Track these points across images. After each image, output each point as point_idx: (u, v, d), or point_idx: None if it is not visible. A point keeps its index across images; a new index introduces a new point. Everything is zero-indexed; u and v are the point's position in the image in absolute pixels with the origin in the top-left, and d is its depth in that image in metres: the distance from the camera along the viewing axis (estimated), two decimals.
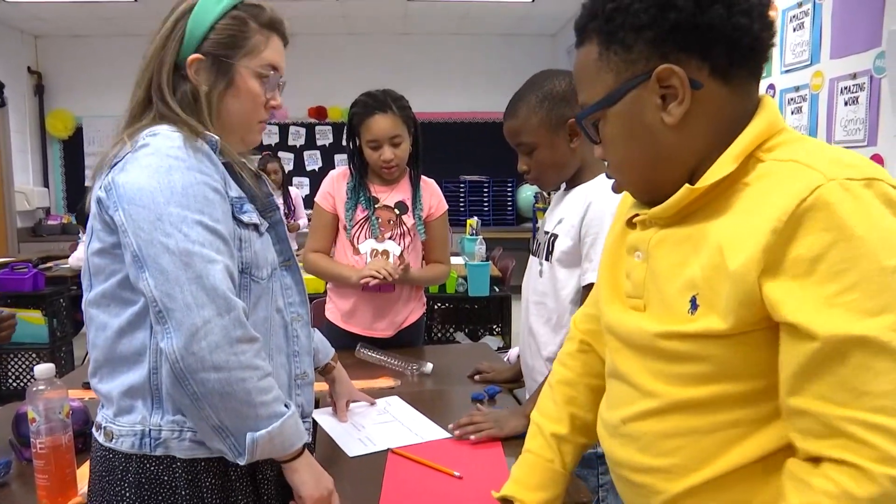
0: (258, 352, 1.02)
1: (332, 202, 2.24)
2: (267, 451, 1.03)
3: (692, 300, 0.79)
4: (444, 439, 1.53)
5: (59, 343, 4.03)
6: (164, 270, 0.96)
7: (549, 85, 1.51)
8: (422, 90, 7.54)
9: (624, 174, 0.91)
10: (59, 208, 7.77)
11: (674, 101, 0.80)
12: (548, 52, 7.78)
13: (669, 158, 0.84)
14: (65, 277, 4.25)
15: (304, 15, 6.81)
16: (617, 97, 0.83)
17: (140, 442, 1.03)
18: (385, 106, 2.10)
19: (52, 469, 1.22)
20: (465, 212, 7.08)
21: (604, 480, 1.52)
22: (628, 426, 0.89)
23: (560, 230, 1.56)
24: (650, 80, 0.80)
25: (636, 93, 0.82)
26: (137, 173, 1.00)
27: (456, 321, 4.16)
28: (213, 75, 1.10)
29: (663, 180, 0.85)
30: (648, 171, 0.87)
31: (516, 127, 1.54)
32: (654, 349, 0.84)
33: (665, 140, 0.82)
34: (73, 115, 7.57)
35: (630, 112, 0.83)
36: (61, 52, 7.54)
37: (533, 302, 1.63)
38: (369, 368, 2.08)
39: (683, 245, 0.83)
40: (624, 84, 0.82)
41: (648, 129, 0.83)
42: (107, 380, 1.07)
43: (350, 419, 1.66)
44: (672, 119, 0.80)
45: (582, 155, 1.56)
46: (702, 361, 0.79)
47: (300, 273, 1.26)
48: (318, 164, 7.82)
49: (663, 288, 0.84)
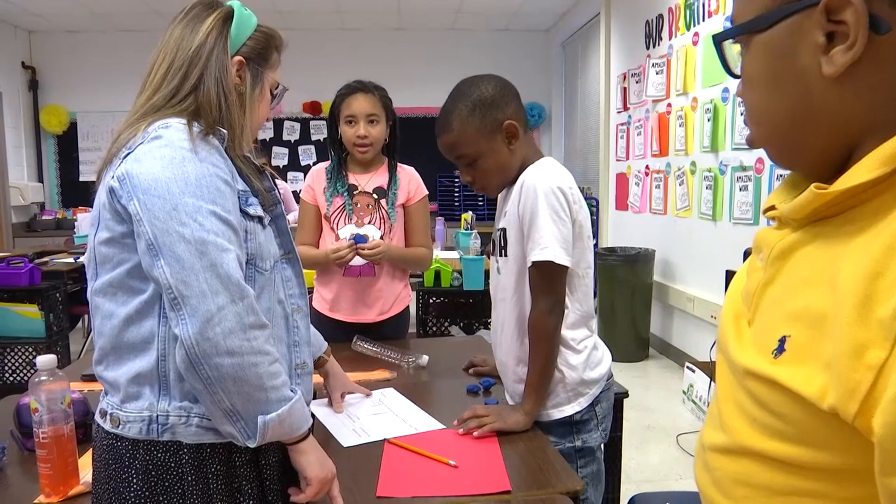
0: (268, 338, 1.06)
1: (312, 194, 2.33)
2: (277, 433, 1.07)
3: (781, 340, 0.60)
4: (438, 430, 1.55)
5: (55, 337, 4.03)
6: (180, 258, 0.98)
7: (476, 92, 1.50)
8: (416, 85, 7.56)
9: (758, 124, 0.69)
10: (53, 203, 7.76)
11: (841, 44, 0.57)
12: (541, 48, 7.78)
13: (817, 119, 0.62)
14: (61, 272, 4.25)
15: (299, 10, 6.82)
16: (770, 21, 0.62)
17: (147, 428, 1.06)
18: (367, 88, 2.22)
19: (55, 458, 1.25)
20: (461, 206, 7.03)
21: (584, 473, 1.54)
22: (707, 452, 0.74)
23: (506, 223, 1.58)
24: (817, 6, 0.58)
25: (795, 20, 0.60)
26: (151, 164, 1.02)
27: (451, 315, 4.18)
28: (251, 78, 1.20)
29: (806, 144, 0.64)
30: (787, 126, 0.65)
31: (453, 140, 1.53)
32: (742, 383, 0.67)
33: (817, 94, 0.60)
34: (67, 111, 7.55)
35: (781, 45, 0.62)
36: (55, 48, 7.52)
37: (498, 300, 1.65)
38: (366, 361, 2.11)
39: (805, 263, 0.63)
40: (783, 6, 0.61)
41: (798, 73, 0.61)
42: (113, 367, 1.09)
43: (345, 410, 1.69)
44: (832, 69, 0.58)
45: (522, 154, 1.55)
46: (781, 418, 0.60)
47: (300, 265, 1.29)
48: (313, 159, 7.82)
49: (767, 311, 0.66)
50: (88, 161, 7.52)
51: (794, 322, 0.60)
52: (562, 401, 1.54)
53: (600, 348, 1.61)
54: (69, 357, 4.25)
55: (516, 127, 1.51)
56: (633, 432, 3.44)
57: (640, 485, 2.94)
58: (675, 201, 4.71)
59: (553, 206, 1.46)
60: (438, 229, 5.29)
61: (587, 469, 1.56)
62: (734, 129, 3.88)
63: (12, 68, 7.24)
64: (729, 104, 3.92)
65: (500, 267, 1.63)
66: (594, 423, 1.56)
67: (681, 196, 4.62)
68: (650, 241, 5.02)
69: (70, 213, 7.22)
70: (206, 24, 1.14)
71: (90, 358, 1.15)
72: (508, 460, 1.38)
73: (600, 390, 1.56)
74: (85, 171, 7.57)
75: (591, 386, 1.55)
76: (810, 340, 0.57)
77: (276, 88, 1.27)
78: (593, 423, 1.56)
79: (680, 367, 4.34)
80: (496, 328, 1.68)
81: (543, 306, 1.49)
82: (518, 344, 1.57)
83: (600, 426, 1.57)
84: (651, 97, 5.02)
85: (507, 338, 1.61)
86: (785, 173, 0.74)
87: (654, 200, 5.12)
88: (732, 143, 3.90)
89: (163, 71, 1.13)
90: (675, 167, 4.70)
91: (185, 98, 1.12)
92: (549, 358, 1.51)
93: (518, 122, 1.52)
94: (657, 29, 4.97)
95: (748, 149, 3.69)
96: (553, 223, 1.45)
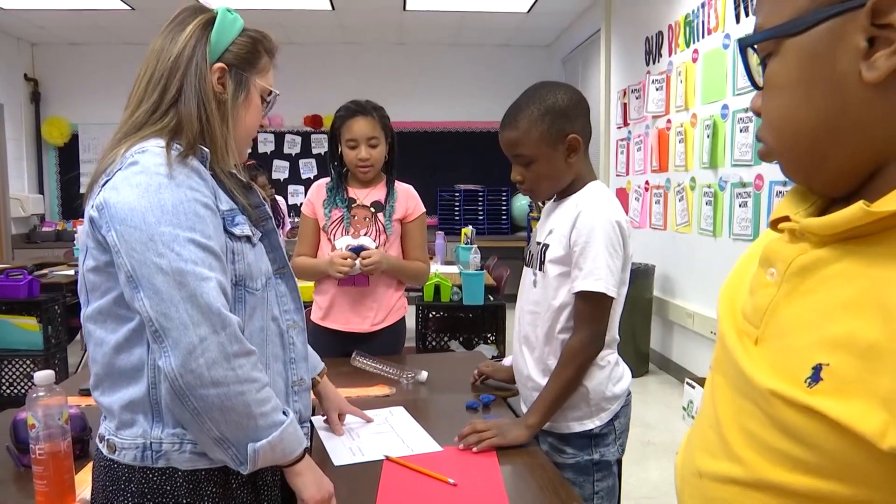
0: (255, 364, 1.04)
1: (312, 208, 2.37)
2: (269, 458, 1.05)
3: (816, 368, 0.56)
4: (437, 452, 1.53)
5: (53, 350, 4.02)
6: (159, 290, 0.97)
7: (551, 98, 1.52)
8: (417, 99, 7.59)
9: (779, 133, 0.64)
10: (53, 215, 7.76)
11: (886, 49, 0.54)
12: (543, 63, 7.83)
13: (848, 130, 0.58)
14: (60, 284, 4.24)
15: (301, 24, 6.85)
16: (807, 24, 0.58)
17: (142, 455, 1.05)
18: (366, 111, 2.26)
19: (51, 475, 1.24)
20: (460, 221, 7.03)
21: (599, 487, 1.55)
22: (704, 481, 0.69)
23: (551, 240, 1.58)
24: (863, 9, 0.54)
25: (835, 24, 0.56)
26: (128, 192, 1.00)
27: (450, 330, 4.17)
28: (233, 85, 1.15)
29: (831, 156, 0.60)
30: (812, 136, 0.60)
31: (516, 138, 1.54)
32: (761, 407, 0.61)
33: (852, 101, 0.57)
34: (68, 123, 7.57)
35: (818, 49, 0.58)
36: (58, 60, 7.54)
37: (527, 311, 1.65)
38: (364, 376, 2.10)
39: (841, 284, 0.58)
40: (822, 8, 0.57)
41: (836, 79, 0.57)
42: (108, 393, 1.08)
43: (347, 426, 1.67)
44: (874, 74, 0.54)
45: (577, 169, 1.58)
46: (815, 451, 0.56)
47: (294, 280, 1.28)
48: (314, 172, 7.82)
49: (790, 332, 0.61)
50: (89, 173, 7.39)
51: (833, 350, 0.55)
52: (583, 415, 1.56)
53: (621, 365, 1.64)
54: (67, 370, 4.23)
55: (579, 142, 1.53)
56: (633, 448, 3.41)
57: (639, 501, 2.92)
58: (675, 217, 4.72)
59: (610, 239, 1.49)
60: (438, 243, 5.29)
61: (603, 483, 1.57)
62: (734, 146, 3.88)
63: (15, 80, 7.27)
64: (728, 121, 3.93)
65: (536, 280, 1.63)
66: (612, 438, 1.58)
67: (680, 212, 4.62)
68: (650, 256, 5.02)
69: (70, 224, 7.22)
70: (185, 32, 1.11)
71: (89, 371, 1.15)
72: (508, 479, 1.37)
73: (620, 406, 1.59)
74: (86, 182, 7.55)
75: (612, 402, 1.57)
76: (858, 372, 0.53)
77: (269, 95, 1.22)
78: (611, 438, 1.58)
79: (679, 383, 4.32)
80: (520, 338, 1.68)
81: (586, 336, 1.51)
82: (545, 358, 1.59)
83: (618, 441, 1.59)
84: (651, 113, 5.04)
85: (533, 350, 1.62)
86: (784, 189, 0.71)
87: (653, 216, 5.12)
88: (732, 160, 3.91)
89: (144, 83, 1.11)
90: (675, 183, 4.71)
91: (166, 113, 1.10)
92: (573, 384, 1.53)
93: (582, 137, 1.54)
94: (657, 45, 4.99)
95: (748, 165, 3.70)
96: (609, 255, 1.48)
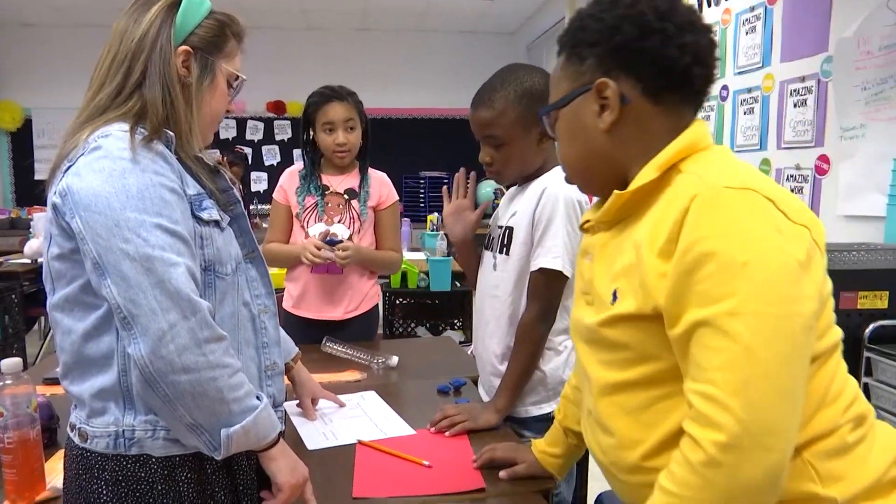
0: (226, 349, 1.03)
1: (284, 195, 2.34)
2: (242, 444, 1.05)
3: (614, 293, 0.93)
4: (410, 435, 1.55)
5: (10, 340, 3.93)
6: (126, 277, 0.95)
7: (528, 81, 1.50)
8: (381, 86, 7.54)
9: (569, 167, 1.08)
10: (7, 202, 7.54)
11: (607, 111, 0.95)
12: (507, 50, 7.82)
13: (602, 158, 1.00)
14: (16, 273, 4.12)
15: (264, 9, 6.74)
16: (567, 101, 1.00)
17: (115, 442, 1.04)
18: (341, 96, 2.25)
19: (21, 463, 1.22)
20: (426, 207, 6.98)
21: None
22: (590, 416, 1.04)
23: (515, 222, 1.59)
24: (592, 90, 0.96)
25: (581, 99, 0.98)
26: (91, 178, 0.98)
27: (417, 316, 4.19)
28: (198, 69, 1.12)
29: (598, 176, 1.03)
30: (585, 166, 1.04)
31: (489, 118, 1.52)
32: (595, 339, 0.99)
33: (598, 142, 0.98)
34: (21, 107, 7.35)
35: (575, 115, 1.00)
36: (10, 42, 7.30)
37: (488, 295, 1.66)
38: (336, 362, 2.10)
39: (615, 246, 0.97)
40: (574, 91, 0.99)
41: (587, 131, 0.99)
42: (77, 382, 1.07)
43: (319, 411, 1.68)
44: (603, 125, 0.96)
45: (545, 155, 1.58)
46: (625, 348, 0.93)
47: (265, 265, 1.26)
48: (277, 159, 7.75)
49: (598, 284, 0.99)
50: (44, 159, 7.30)
51: (617, 278, 0.93)
52: (541, 399, 1.57)
53: None
54: (26, 360, 4.13)
55: None
56: None
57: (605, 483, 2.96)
58: None
59: (570, 218, 1.49)
60: (404, 230, 5.28)
61: None
62: None
63: None
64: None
65: (496, 264, 1.64)
66: None
67: None
68: None
69: (25, 212, 7.02)
70: (150, 13, 1.09)
71: (49, 362, 1.12)
72: None
73: None
74: (41, 169, 7.33)
75: None
76: (629, 281, 0.90)
77: (236, 80, 1.19)
78: None
79: None
80: (481, 323, 1.69)
81: (537, 311, 1.53)
82: (507, 342, 1.59)
83: None
84: None
85: (495, 334, 1.63)
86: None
87: None
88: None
89: (106, 65, 1.09)
90: None
91: (130, 97, 1.07)
92: (531, 361, 1.54)
93: None
94: None
95: None
96: (567, 235, 1.49)
